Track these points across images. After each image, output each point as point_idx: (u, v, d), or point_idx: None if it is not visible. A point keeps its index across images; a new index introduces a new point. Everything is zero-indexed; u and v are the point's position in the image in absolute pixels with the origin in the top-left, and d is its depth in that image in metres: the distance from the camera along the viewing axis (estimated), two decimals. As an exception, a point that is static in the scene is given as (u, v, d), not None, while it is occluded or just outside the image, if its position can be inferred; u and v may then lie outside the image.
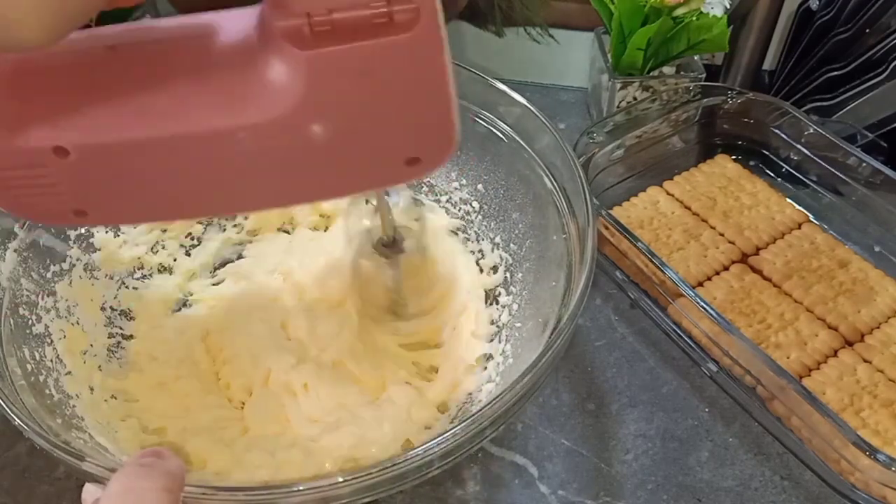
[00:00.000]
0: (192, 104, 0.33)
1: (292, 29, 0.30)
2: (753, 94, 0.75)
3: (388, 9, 0.30)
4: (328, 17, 0.30)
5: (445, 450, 0.38)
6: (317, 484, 0.37)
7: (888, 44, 0.70)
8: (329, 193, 0.39)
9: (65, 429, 0.45)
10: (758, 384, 0.57)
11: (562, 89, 0.87)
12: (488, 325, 0.59)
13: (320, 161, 0.35)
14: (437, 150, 0.36)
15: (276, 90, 0.32)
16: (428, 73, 0.33)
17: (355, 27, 0.30)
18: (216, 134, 0.33)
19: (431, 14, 0.31)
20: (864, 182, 0.69)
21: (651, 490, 0.55)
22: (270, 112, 0.33)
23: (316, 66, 0.32)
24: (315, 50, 0.31)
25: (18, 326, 0.49)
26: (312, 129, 0.33)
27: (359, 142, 0.35)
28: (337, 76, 0.32)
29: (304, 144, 0.34)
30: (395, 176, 0.37)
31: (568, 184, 0.52)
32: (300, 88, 0.32)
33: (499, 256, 0.61)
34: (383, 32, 0.31)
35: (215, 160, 0.34)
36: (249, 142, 0.33)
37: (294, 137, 0.34)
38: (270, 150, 0.34)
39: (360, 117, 0.34)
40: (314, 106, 0.33)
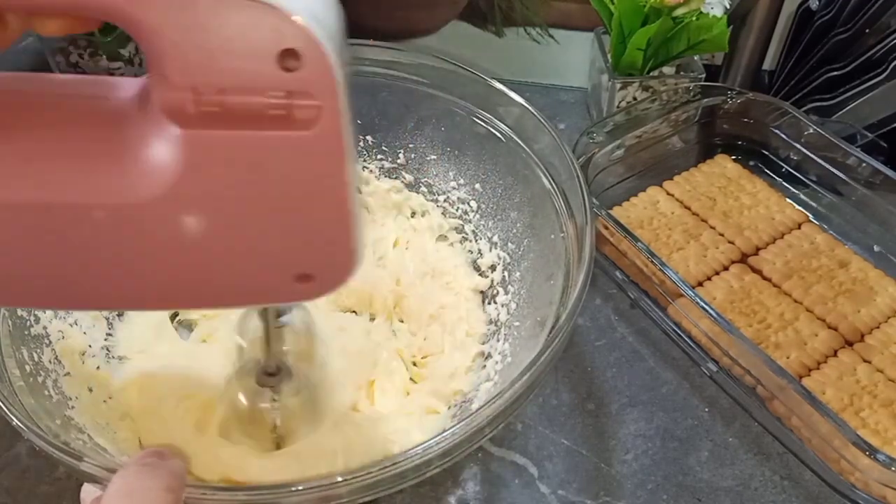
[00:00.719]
0: (54, 172, 0.29)
1: (175, 103, 0.27)
2: (753, 95, 0.75)
3: (286, 101, 0.27)
4: (218, 98, 0.27)
5: (444, 449, 0.38)
6: (316, 483, 0.37)
7: (888, 44, 0.70)
8: (205, 302, 0.34)
9: (64, 429, 0.45)
10: (757, 384, 0.57)
11: (561, 89, 0.87)
12: (485, 324, 0.59)
13: (194, 261, 0.31)
14: (332, 268, 0.32)
15: (149, 170, 0.28)
16: (325, 179, 0.29)
17: (248, 115, 0.27)
18: (70, 208, 0.29)
19: (334, 115, 0.28)
20: (864, 182, 0.69)
21: (651, 490, 0.55)
22: (137, 193, 0.29)
23: (196, 148, 0.28)
24: (198, 130, 0.27)
25: (17, 327, 0.49)
26: (184, 220, 0.29)
27: (239, 245, 0.31)
28: (219, 163, 0.28)
29: (174, 238, 0.30)
30: (282, 293, 0.33)
31: (566, 183, 0.52)
32: (175, 171, 0.28)
33: (497, 256, 0.61)
34: (279, 125, 0.27)
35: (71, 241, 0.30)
36: (108, 224, 0.29)
37: (163, 227, 0.29)
38: (134, 239, 0.30)
39: (243, 216, 0.30)
40: (189, 194, 0.29)
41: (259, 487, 0.37)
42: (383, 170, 0.64)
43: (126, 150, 0.28)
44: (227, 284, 0.32)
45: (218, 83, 0.27)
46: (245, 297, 0.34)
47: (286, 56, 0.26)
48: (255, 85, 0.27)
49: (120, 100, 0.29)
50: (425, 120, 0.62)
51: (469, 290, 0.61)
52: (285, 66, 0.26)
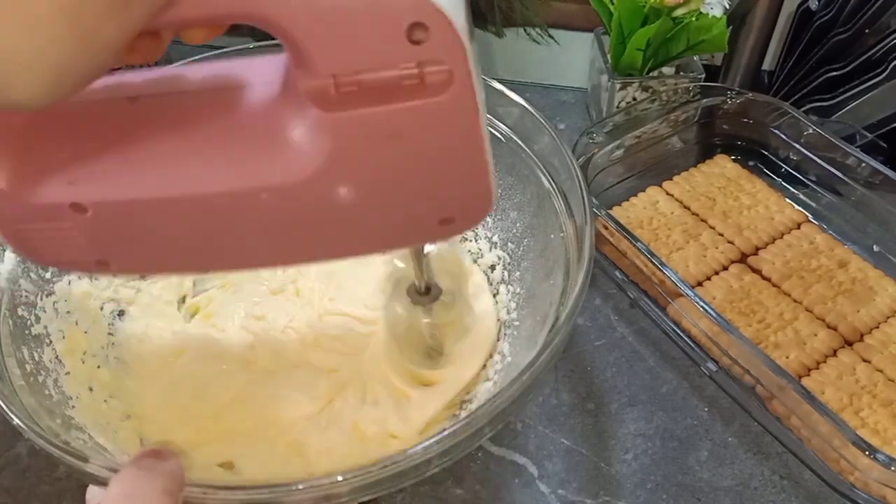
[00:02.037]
0: (213, 164, 0.32)
1: (317, 90, 0.29)
2: (753, 95, 0.75)
3: (418, 70, 0.28)
4: (354, 78, 0.28)
5: (444, 448, 0.38)
6: (316, 482, 0.37)
7: (888, 44, 0.70)
8: (358, 251, 0.37)
9: (64, 429, 0.45)
10: (757, 384, 0.57)
11: (561, 90, 0.87)
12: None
13: (348, 221, 0.34)
14: (472, 210, 0.35)
15: (299, 152, 0.31)
16: (463, 137, 0.31)
17: (384, 89, 0.29)
18: (237, 195, 0.32)
19: (465, 76, 0.29)
20: (864, 182, 0.69)
21: (650, 489, 0.55)
22: (293, 174, 0.31)
23: (342, 129, 0.30)
24: (341, 112, 0.29)
25: (17, 327, 0.49)
26: (338, 191, 0.32)
27: (388, 204, 0.33)
28: (364, 139, 0.30)
29: (331, 205, 0.33)
30: (427, 235, 0.36)
31: (566, 183, 0.52)
32: (324, 151, 0.31)
33: (496, 255, 0.61)
34: (415, 95, 0.29)
35: (237, 219, 0.33)
36: (272, 203, 0.32)
37: (319, 199, 0.32)
38: (294, 211, 0.33)
39: (390, 180, 0.32)
40: (339, 169, 0.31)
41: (259, 486, 0.37)
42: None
43: (277, 135, 0.31)
44: (381, 234, 0.35)
45: (354, 66, 0.28)
46: (396, 242, 0.37)
47: (414, 29, 0.27)
48: (388, 61, 0.28)
49: (261, 86, 0.32)
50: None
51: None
52: (414, 39, 0.28)
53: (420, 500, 0.54)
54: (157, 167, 0.32)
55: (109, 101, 0.32)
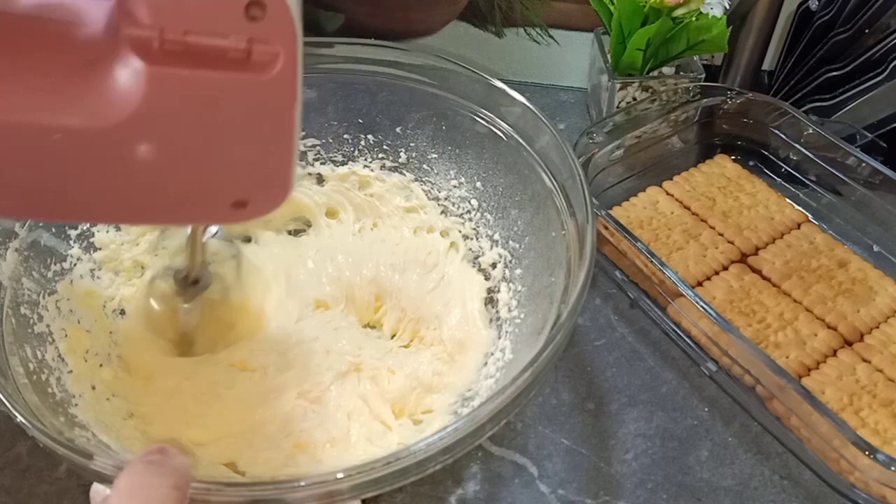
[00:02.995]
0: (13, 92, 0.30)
1: (141, 40, 0.29)
2: (753, 95, 0.75)
3: (247, 45, 0.29)
4: (182, 38, 0.29)
5: (446, 445, 0.39)
6: (319, 479, 0.37)
7: (888, 44, 0.71)
8: (146, 218, 0.37)
9: (68, 427, 0.45)
10: (757, 384, 0.57)
11: (561, 89, 0.87)
12: (486, 322, 0.59)
13: (141, 183, 0.33)
14: (268, 197, 0.35)
15: (108, 98, 0.30)
16: (275, 120, 0.32)
17: (209, 55, 0.29)
18: (30, 128, 0.30)
19: (291, 62, 0.30)
20: (864, 182, 0.69)
21: (650, 489, 0.55)
22: (96, 120, 0.30)
23: (157, 84, 0.30)
24: (160, 67, 0.29)
25: (20, 325, 0.49)
26: (138, 147, 0.31)
27: (187, 173, 0.33)
28: (177, 100, 0.30)
29: (126, 162, 0.32)
30: (218, 215, 0.35)
31: (567, 182, 0.52)
32: (134, 102, 0.30)
33: (497, 254, 0.61)
34: (238, 68, 0.29)
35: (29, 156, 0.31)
36: (69, 145, 0.31)
37: (117, 152, 0.31)
38: (91, 160, 0.32)
39: (193, 148, 0.32)
40: (145, 124, 0.31)
41: (262, 483, 0.37)
42: (384, 168, 0.65)
43: (90, 77, 0.30)
44: (169, 204, 0.34)
45: (184, 24, 0.28)
46: (184, 216, 0.36)
47: (253, 6, 0.28)
48: (219, 29, 0.29)
49: (89, 25, 0.31)
50: (426, 119, 0.63)
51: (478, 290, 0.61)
52: (250, 14, 0.28)
53: (420, 500, 0.54)
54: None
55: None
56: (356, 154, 0.65)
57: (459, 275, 0.62)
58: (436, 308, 0.59)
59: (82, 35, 0.31)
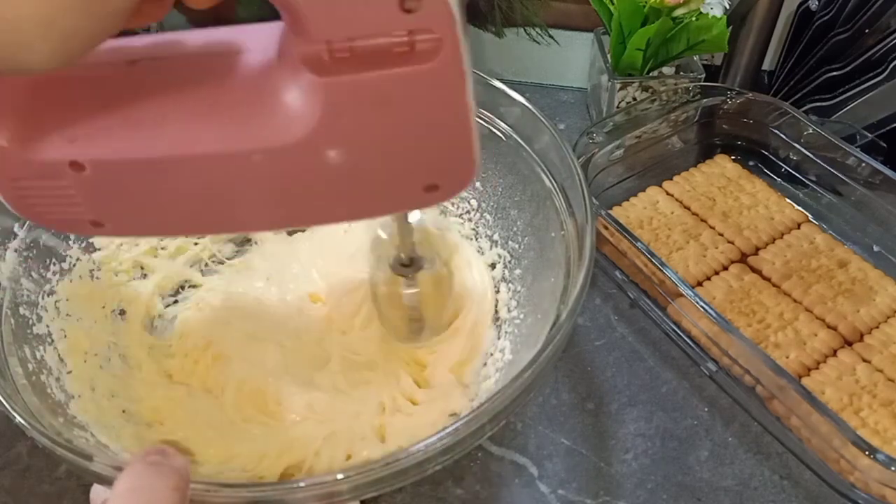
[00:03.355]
0: (208, 126, 0.33)
1: (311, 55, 0.30)
2: (753, 95, 0.75)
3: (409, 38, 0.30)
4: (348, 45, 0.30)
5: (446, 445, 0.38)
6: (319, 480, 0.37)
7: (888, 44, 0.71)
8: (346, 216, 0.38)
9: (67, 428, 0.45)
10: (757, 384, 0.57)
11: (561, 89, 0.87)
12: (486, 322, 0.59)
13: (337, 185, 0.35)
14: (457, 178, 0.36)
15: (292, 115, 0.32)
16: (449, 104, 0.32)
17: (375, 55, 0.30)
18: (231, 156, 0.33)
19: (454, 45, 0.30)
20: (864, 182, 0.69)
21: (650, 489, 0.55)
22: (286, 137, 0.32)
23: (333, 94, 0.31)
24: (333, 77, 0.30)
25: (19, 326, 0.49)
26: (328, 154, 0.33)
27: (376, 168, 0.34)
28: (354, 104, 0.31)
29: (320, 169, 0.34)
30: (413, 201, 0.37)
31: (566, 182, 0.52)
32: (316, 114, 0.32)
33: (497, 254, 0.61)
34: (404, 62, 0.30)
35: (231, 181, 0.34)
36: (264, 164, 0.33)
37: (310, 162, 0.33)
38: (286, 173, 0.34)
39: (378, 145, 0.33)
40: (330, 132, 0.32)
41: (263, 484, 0.37)
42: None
43: (272, 99, 0.32)
44: (366, 200, 0.36)
45: (348, 33, 0.29)
46: (383, 207, 0.38)
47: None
48: (380, 29, 0.29)
49: (258, 52, 0.33)
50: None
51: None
52: (406, 7, 0.29)
53: (420, 500, 0.54)
54: (155, 128, 0.33)
55: (110, 63, 0.33)
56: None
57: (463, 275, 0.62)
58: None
59: (255, 61, 0.33)
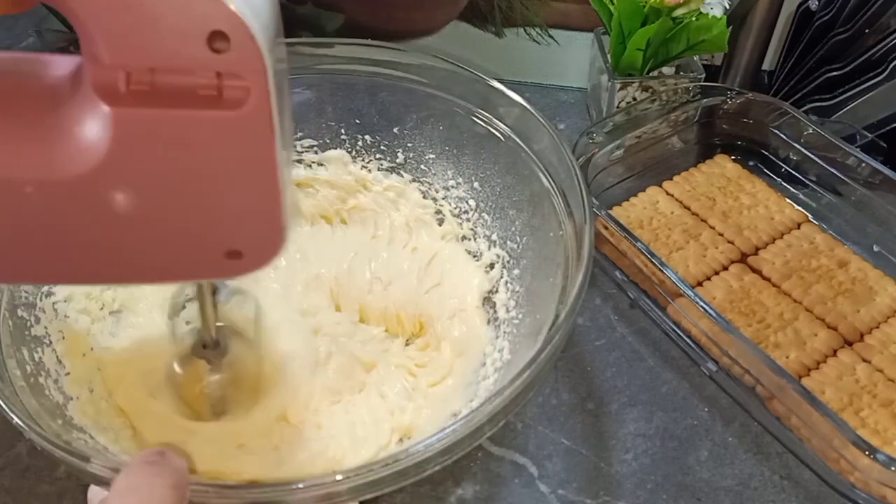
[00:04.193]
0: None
1: (106, 82, 0.27)
2: (753, 95, 0.75)
3: (217, 82, 0.28)
4: (148, 77, 0.27)
5: (444, 446, 0.38)
6: (317, 481, 0.37)
7: (888, 44, 0.71)
8: (139, 277, 0.34)
9: (65, 429, 0.45)
10: (757, 384, 0.57)
11: (561, 90, 0.87)
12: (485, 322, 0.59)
13: (124, 237, 0.31)
14: (261, 245, 0.33)
15: (77, 147, 0.29)
16: (253, 157, 0.30)
17: (178, 93, 0.28)
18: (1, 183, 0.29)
19: (263, 96, 0.28)
20: (864, 182, 0.69)
21: (650, 489, 0.55)
22: (67, 170, 0.29)
23: (125, 126, 0.28)
24: (128, 108, 0.28)
25: (17, 328, 0.49)
26: (114, 196, 0.30)
27: (170, 221, 0.31)
28: (148, 141, 0.29)
29: (104, 214, 0.30)
30: (213, 269, 0.34)
31: (565, 182, 0.52)
32: (103, 148, 0.29)
33: (496, 254, 0.61)
34: (209, 105, 0.28)
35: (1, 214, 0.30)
36: (39, 199, 0.30)
37: (92, 203, 0.30)
38: (65, 214, 0.30)
39: (172, 193, 0.30)
40: (118, 170, 0.29)
41: (261, 485, 0.37)
42: (382, 169, 0.64)
43: (57, 127, 0.29)
44: (158, 260, 0.33)
45: (148, 63, 0.27)
46: (176, 272, 0.34)
47: (215, 38, 0.27)
48: (184, 65, 0.27)
49: (53, 77, 0.30)
50: (425, 119, 0.63)
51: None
52: (214, 47, 0.27)
53: (420, 500, 0.54)
54: None
55: None
56: (354, 154, 0.65)
57: (458, 274, 0.62)
58: (433, 308, 0.59)
59: (47, 86, 0.30)
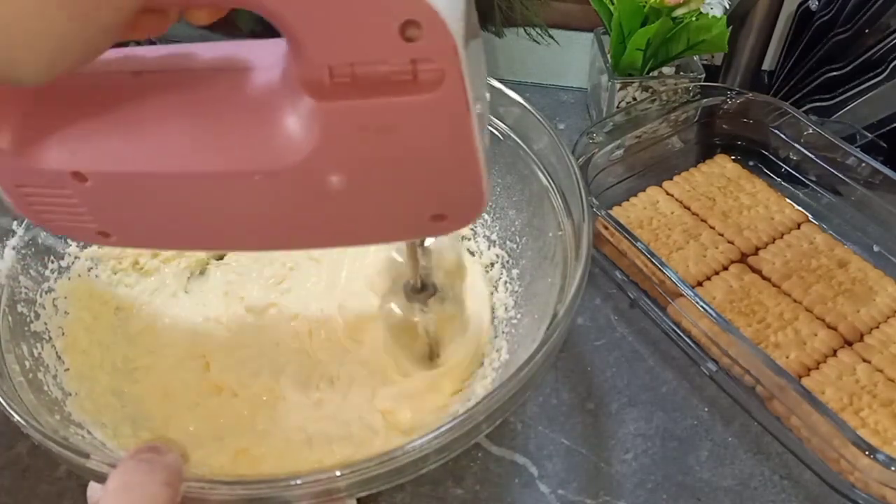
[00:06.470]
0: (210, 144, 0.33)
1: (312, 79, 0.30)
2: (753, 95, 0.75)
3: (412, 67, 0.29)
4: (349, 70, 0.29)
5: (442, 444, 0.38)
6: (315, 477, 0.37)
7: (888, 44, 0.71)
8: (350, 241, 0.38)
9: (64, 426, 0.45)
10: (757, 384, 0.57)
11: (561, 90, 0.87)
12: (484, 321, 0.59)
13: (339, 210, 0.34)
14: (464, 209, 0.35)
15: (292, 138, 0.32)
16: (452, 133, 0.32)
17: (377, 82, 0.29)
18: (231, 176, 0.33)
19: (457, 75, 0.30)
20: (864, 182, 0.69)
21: (650, 489, 0.55)
22: (285, 160, 0.32)
23: (333, 118, 0.31)
24: (333, 101, 0.30)
25: (17, 323, 0.49)
26: (328, 179, 0.33)
27: (379, 195, 0.34)
28: (354, 130, 0.31)
29: (320, 193, 0.33)
30: (419, 230, 0.37)
31: (564, 181, 0.52)
32: (315, 139, 0.31)
33: (495, 254, 0.61)
34: (406, 91, 0.30)
35: (231, 200, 0.34)
36: (264, 186, 0.33)
37: (309, 186, 0.33)
38: (286, 196, 0.34)
39: (380, 173, 0.33)
40: (330, 158, 0.32)
41: (258, 481, 0.37)
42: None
43: (272, 121, 0.32)
44: (371, 226, 0.36)
45: (350, 59, 0.29)
46: (388, 235, 0.38)
47: (408, 27, 0.28)
48: (381, 56, 0.29)
49: (263, 71, 0.33)
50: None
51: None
52: (407, 36, 0.28)
53: (420, 500, 0.54)
54: (157, 142, 0.33)
55: (115, 73, 0.33)
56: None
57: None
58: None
59: (259, 80, 0.33)
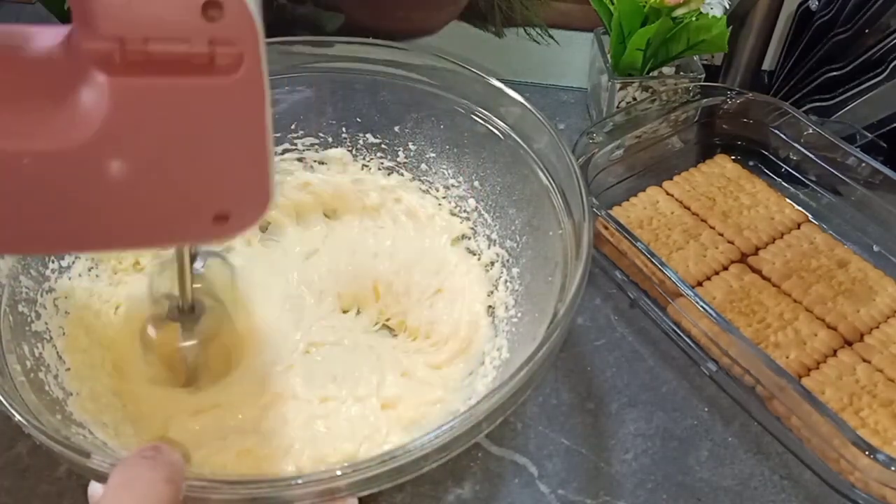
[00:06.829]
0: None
1: (102, 53, 0.28)
2: (753, 95, 0.75)
3: (209, 49, 0.28)
4: (143, 47, 0.28)
5: (442, 443, 0.39)
6: (316, 477, 0.37)
7: (888, 44, 0.71)
8: (129, 242, 0.36)
9: (65, 425, 0.45)
10: (757, 384, 0.57)
11: (561, 90, 0.87)
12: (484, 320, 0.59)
13: (118, 203, 0.32)
14: (249, 207, 0.34)
15: (74, 118, 0.30)
16: (245, 122, 0.31)
17: (172, 62, 0.28)
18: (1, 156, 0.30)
19: (255, 61, 0.29)
20: (864, 182, 0.69)
21: (650, 489, 0.55)
22: (64, 140, 0.30)
23: (122, 96, 0.29)
24: (123, 78, 0.29)
25: (18, 323, 0.49)
26: (110, 164, 0.31)
27: (162, 186, 0.32)
28: (144, 109, 0.30)
29: (100, 180, 0.31)
30: (200, 232, 0.35)
31: (564, 180, 0.52)
32: (100, 118, 0.29)
33: (495, 253, 0.61)
34: (201, 72, 0.29)
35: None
36: (36, 170, 0.30)
37: (89, 172, 0.31)
38: (61, 184, 0.31)
39: (166, 158, 0.31)
40: (114, 139, 0.30)
41: (259, 481, 0.37)
42: (382, 168, 0.65)
43: (53, 98, 0.29)
44: (147, 224, 0.34)
45: (143, 33, 0.28)
46: (166, 236, 0.35)
47: (209, 6, 0.28)
48: (179, 33, 0.28)
49: (46, 48, 0.30)
50: (425, 118, 0.63)
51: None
52: (208, 15, 0.28)
53: (420, 499, 0.54)
54: None
55: None
56: (354, 153, 0.65)
57: (461, 273, 0.62)
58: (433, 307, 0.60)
59: (42, 57, 0.30)
